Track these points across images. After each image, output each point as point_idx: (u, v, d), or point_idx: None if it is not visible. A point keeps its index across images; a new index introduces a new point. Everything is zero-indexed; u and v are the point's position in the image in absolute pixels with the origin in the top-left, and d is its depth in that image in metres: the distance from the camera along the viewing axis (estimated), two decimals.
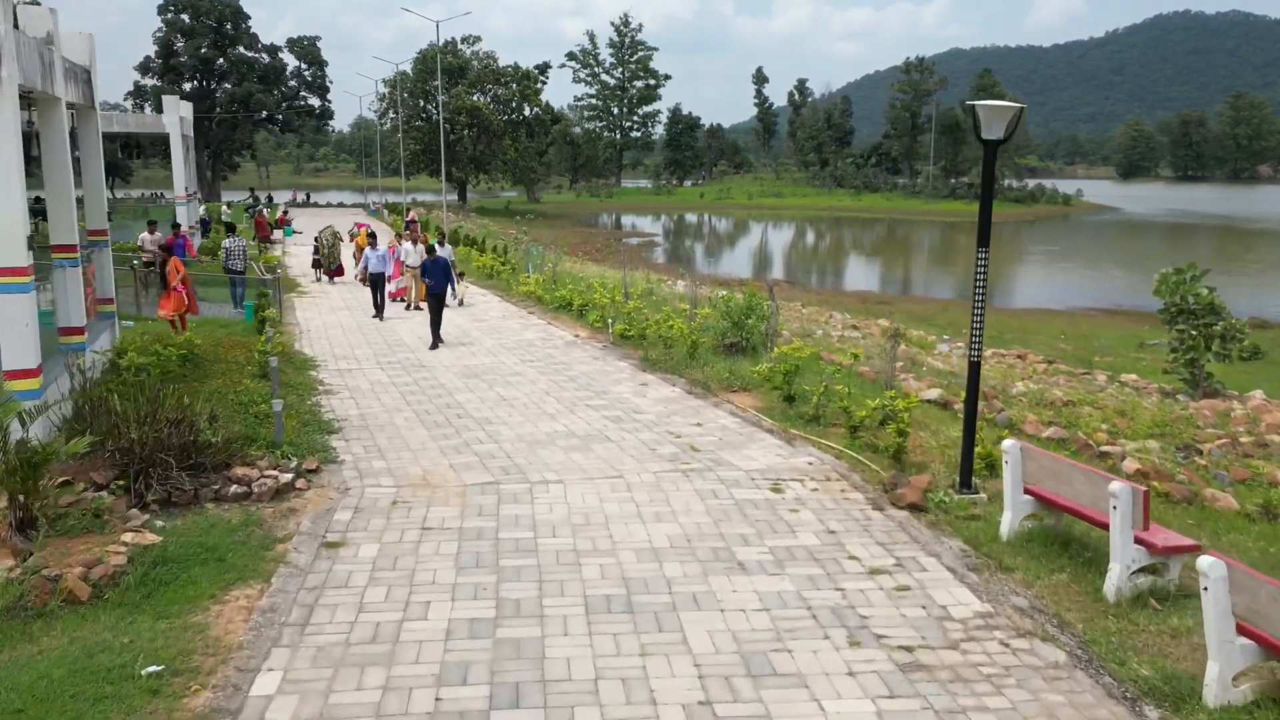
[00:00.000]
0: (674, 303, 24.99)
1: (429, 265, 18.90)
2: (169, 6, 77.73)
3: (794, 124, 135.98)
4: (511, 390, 14.66)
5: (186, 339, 14.90)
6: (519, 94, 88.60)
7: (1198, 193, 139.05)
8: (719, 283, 40.98)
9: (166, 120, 28.06)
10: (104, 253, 13.93)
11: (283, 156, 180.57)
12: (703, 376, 15.40)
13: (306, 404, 13.21)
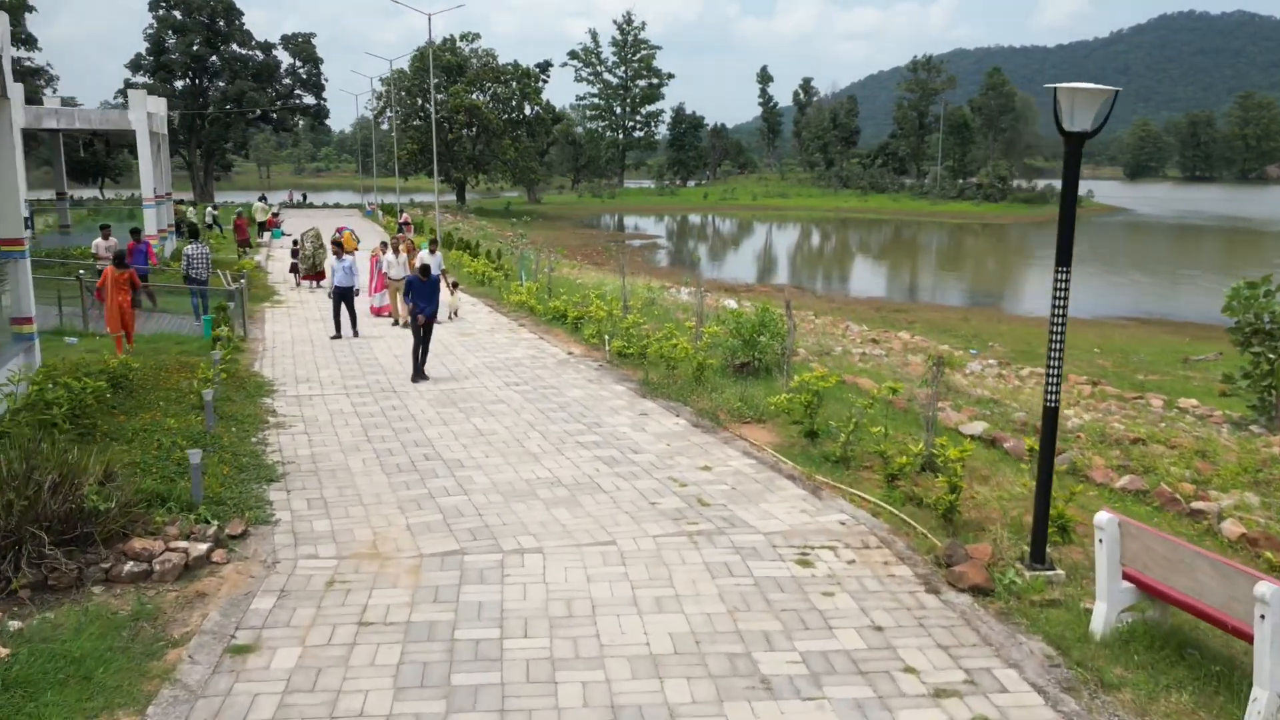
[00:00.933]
0: (678, 314, 23.11)
1: (418, 285, 15.46)
2: (160, 3, 75.89)
3: (799, 124, 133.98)
4: (491, 422, 12.76)
5: (122, 362, 13.02)
6: (519, 93, 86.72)
7: (1207, 193, 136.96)
8: (724, 289, 39.12)
9: (132, 116, 26.17)
10: (20, 265, 12.07)
11: (284, 157, 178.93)
12: (711, 405, 13.50)
13: (249, 443, 11.31)
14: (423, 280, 15.46)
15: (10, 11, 57.98)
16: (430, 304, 15.43)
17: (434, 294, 15.59)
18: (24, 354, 11.82)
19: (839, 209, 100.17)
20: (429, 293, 15.48)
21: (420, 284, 15.43)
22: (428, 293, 15.44)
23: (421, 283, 15.45)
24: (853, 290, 43.68)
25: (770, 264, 59.72)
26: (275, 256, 36.09)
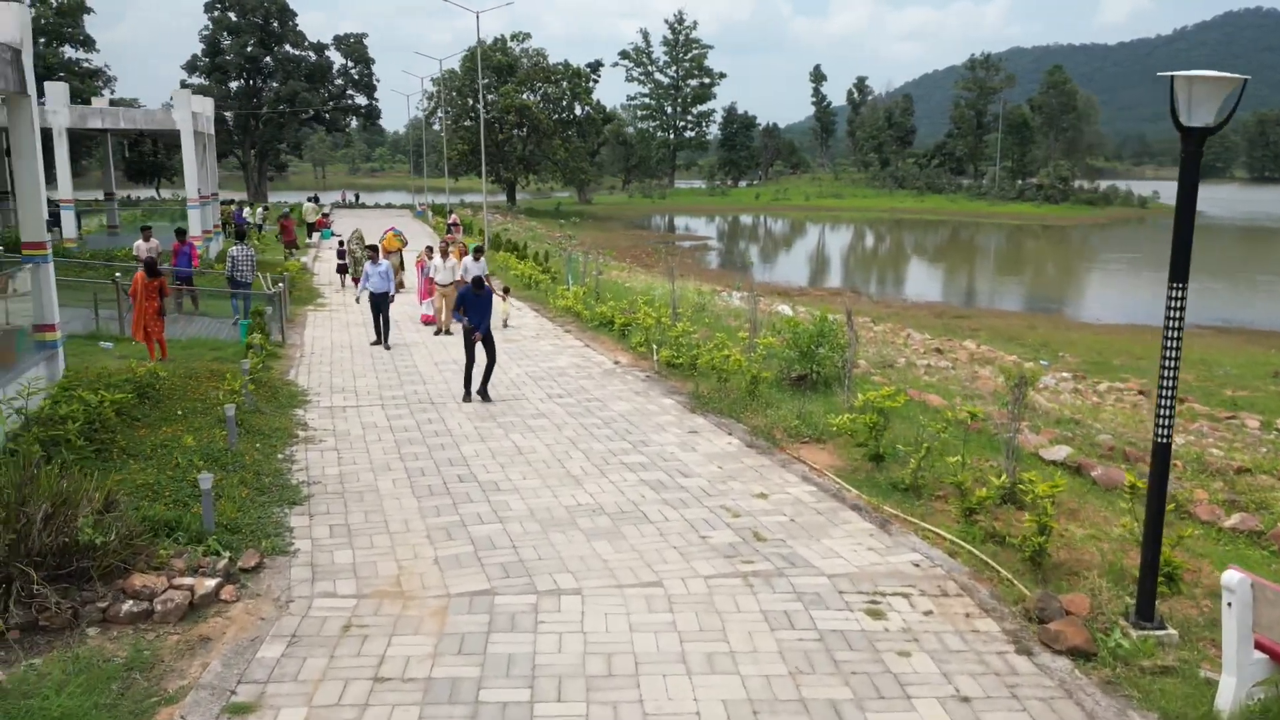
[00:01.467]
0: (729, 320, 22.21)
1: (471, 299, 13.95)
2: (216, 4, 76.61)
3: (853, 123, 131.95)
4: (531, 439, 11.98)
5: (150, 370, 12.48)
6: (570, 92, 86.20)
7: (1277, 194, 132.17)
8: (777, 292, 38.08)
9: (177, 116, 25.90)
10: (43, 270, 11.55)
11: (339, 157, 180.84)
12: (766, 423, 12.59)
13: (273, 460, 10.65)
14: (476, 293, 14.03)
15: (68, 13, 58.86)
16: (484, 318, 14.08)
17: (488, 307, 14.21)
18: (45, 363, 11.30)
19: (894, 210, 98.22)
20: (483, 306, 14.09)
21: (474, 297, 13.98)
22: (482, 306, 14.06)
23: (475, 296, 14.01)
24: (910, 294, 42.32)
25: (824, 266, 58.42)
26: (323, 258, 35.78)
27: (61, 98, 25.20)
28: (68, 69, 58.17)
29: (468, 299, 13.99)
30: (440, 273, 19.84)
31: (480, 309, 14.01)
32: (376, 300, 18.17)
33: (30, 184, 11.41)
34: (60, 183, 25.71)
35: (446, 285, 19.68)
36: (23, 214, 11.45)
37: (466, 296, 14.04)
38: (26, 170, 11.37)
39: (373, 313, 18.43)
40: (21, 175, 11.39)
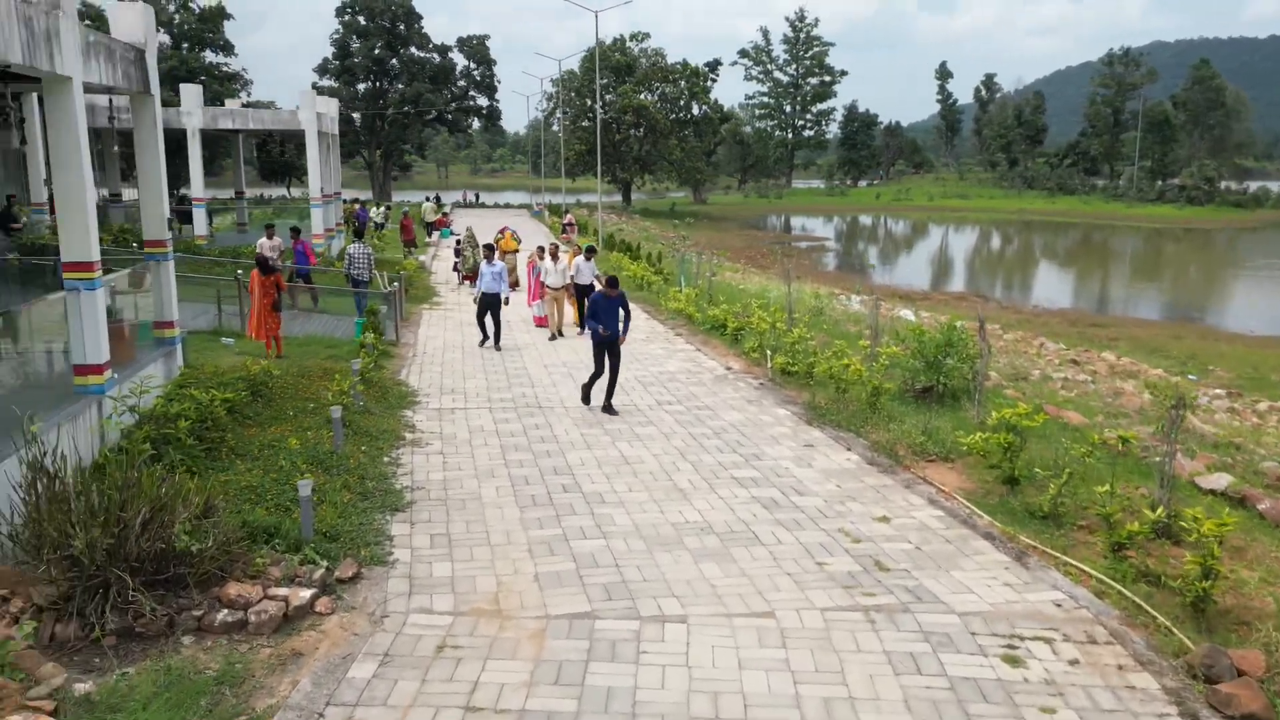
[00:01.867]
0: (848, 326, 21.35)
1: (602, 303, 13.14)
2: (347, 9, 79.05)
3: (980, 121, 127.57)
4: (638, 448, 11.54)
5: (264, 368, 12.55)
6: (687, 91, 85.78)
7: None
8: (898, 296, 36.77)
9: (302, 116, 26.53)
10: (164, 267, 11.72)
11: (461, 158, 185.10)
12: (888, 438, 11.83)
13: (380, 463, 10.50)
14: (608, 296, 13.16)
15: (210, 19, 61.56)
16: (613, 322, 13.20)
17: (616, 312, 13.29)
18: (163, 359, 11.45)
19: (1023, 211, 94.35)
20: (612, 312, 13.22)
21: (605, 301, 13.14)
22: (612, 311, 13.21)
23: (607, 299, 13.15)
24: (1039, 299, 40.30)
25: (947, 269, 56.34)
26: (441, 257, 36.30)
27: (195, 99, 26.13)
28: (208, 72, 60.86)
29: (598, 304, 13.15)
30: (551, 275, 19.39)
31: (610, 314, 13.16)
32: (488, 300, 17.90)
33: (153, 182, 11.58)
34: (193, 181, 26.70)
35: (557, 288, 19.35)
36: (145, 212, 11.65)
37: (597, 301, 13.17)
38: (149, 168, 11.56)
39: (479, 313, 18.11)
40: (145, 173, 11.58)
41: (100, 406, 9.28)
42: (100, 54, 9.76)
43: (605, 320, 13.10)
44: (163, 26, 62.37)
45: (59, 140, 9.08)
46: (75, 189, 9.15)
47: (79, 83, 9.12)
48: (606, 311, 13.14)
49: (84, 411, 8.94)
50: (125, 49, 10.57)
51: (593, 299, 13.35)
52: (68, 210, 9.17)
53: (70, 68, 8.90)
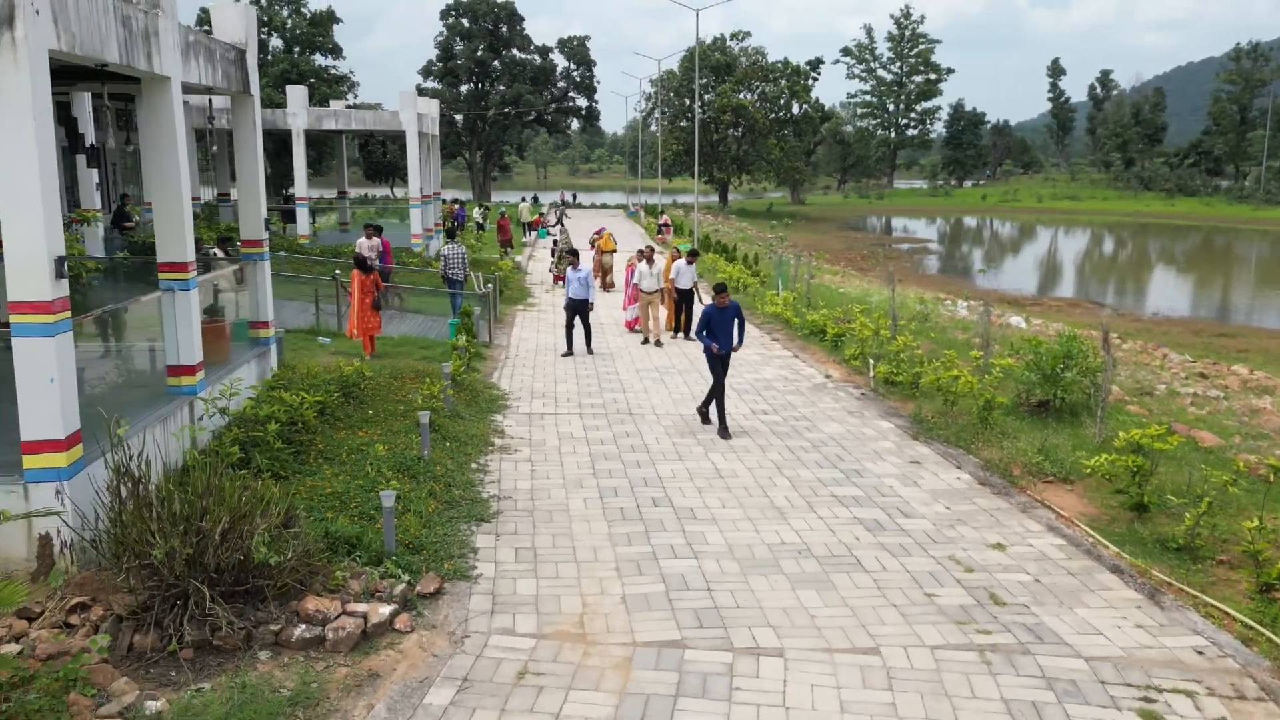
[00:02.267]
0: (955, 333, 20.41)
1: (715, 316, 12.15)
2: (450, 11, 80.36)
3: (1094, 120, 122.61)
4: (733, 460, 11.05)
5: (356, 369, 12.49)
6: (788, 90, 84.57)
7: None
8: (1006, 301, 35.30)
9: (403, 117, 26.77)
10: (260, 268, 11.74)
11: (560, 158, 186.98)
12: (1001, 456, 11.09)
13: (467, 470, 10.26)
14: (720, 307, 12.18)
15: (320, 23, 63.21)
16: (728, 336, 12.23)
17: (731, 324, 12.28)
18: (256, 360, 11.45)
19: (1139, 214, 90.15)
20: (727, 323, 12.22)
21: (718, 313, 12.15)
22: (726, 323, 12.20)
23: (720, 311, 12.17)
24: (1157, 307, 38.22)
25: (1058, 274, 54.00)
26: (537, 257, 36.37)
27: (300, 101, 26.63)
28: (317, 75, 62.46)
29: (711, 317, 12.14)
30: (646, 278, 18.70)
31: (724, 327, 12.18)
32: (575, 306, 17.31)
33: (251, 182, 11.61)
34: (297, 181, 27.23)
35: (651, 292, 18.71)
36: (243, 212, 11.69)
37: (710, 314, 12.16)
38: (248, 169, 11.59)
39: (567, 320, 17.48)
40: (243, 174, 11.62)
41: (192, 408, 9.25)
42: (200, 54, 9.76)
43: (719, 334, 12.15)
44: (275, 31, 64.33)
45: (156, 140, 9.07)
46: (172, 189, 9.14)
47: (178, 83, 9.11)
48: (720, 324, 12.17)
49: (175, 413, 8.91)
50: (225, 49, 10.58)
51: (705, 312, 12.29)
52: (164, 210, 9.17)
53: (169, 67, 8.88)
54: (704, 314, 12.32)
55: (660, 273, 18.99)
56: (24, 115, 6.45)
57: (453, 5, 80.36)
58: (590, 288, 17.44)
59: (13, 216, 6.54)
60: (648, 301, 18.75)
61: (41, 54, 6.57)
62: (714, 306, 12.25)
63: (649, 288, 18.68)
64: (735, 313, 12.34)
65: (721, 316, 12.19)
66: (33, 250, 6.61)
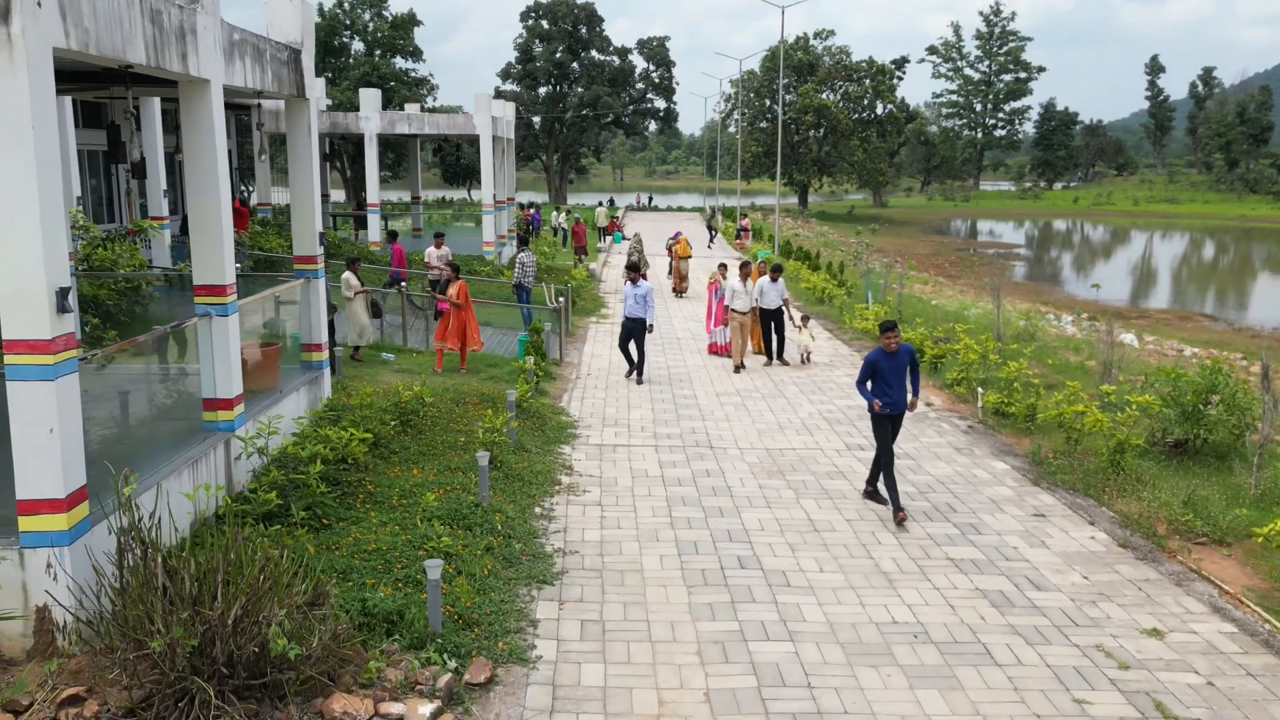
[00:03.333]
0: (1065, 354, 18.73)
1: (883, 362, 9.62)
2: (530, 13, 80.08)
3: (1195, 119, 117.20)
4: (828, 509, 9.78)
5: (416, 395, 11.54)
6: (872, 90, 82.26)
7: None
8: (1107, 312, 33.10)
9: (477, 121, 25.95)
10: (314, 285, 10.85)
11: (637, 160, 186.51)
12: (1140, 510, 9.61)
13: (529, 517, 9.19)
14: (889, 351, 9.63)
15: (401, 26, 63.36)
16: (899, 389, 9.67)
17: (903, 374, 9.71)
18: (308, 386, 10.56)
19: (1244, 218, 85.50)
20: (899, 374, 9.66)
21: (886, 360, 9.63)
22: (897, 371, 9.65)
23: (888, 357, 9.63)
24: (1274, 321, 35.50)
25: (1160, 283, 51.03)
26: (612, 264, 35.38)
27: (374, 104, 26.05)
28: (397, 78, 62.59)
29: (877, 364, 9.65)
30: (739, 297, 16.51)
31: (896, 376, 9.62)
32: (630, 327, 15.43)
33: (305, 192, 10.74)
34: (369, 186, 26.66)
35: (744, 313, 16.59)
36: (296, 224, 10.82)
37: (875, 361, 9.67)
38: (302, 178, 10.71)
39: (621, 340, 15.84)
40: (297, 184, 10.75)
41: (228, 447, 8.36)
42: (246, 54, 8.89)
43: (888, 386, 9.60)
44: (356, 34, 64.64)
45: (194, 148, 8.21)
46: (210, 202, 8.26)
47: (218, 86, 8.23)
48: (889, 373, 9.62)
49: (209, 453, 8.02)
50: (277, 49, 9.70)
51: (869, 359, 9.76)
52: (201, 226, 8.29)
53: (208, 69, 7.99)
54: (867, 361, 9.80)
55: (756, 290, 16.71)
56: (20, 125, 5.56)
57: (533, 7, 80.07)
58: (650, 307, 15.36)
59: (6, 242, 5.66)
60: (740, 323, 16.63)
61: (44, 53, 5.67)
62: (879, 351, 9.73)
63: (741, 307, 16.58)
64: (908, 358, 9.71)
65: (890, 364, 9.62)
66: (30, 281, 5.72)
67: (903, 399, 9.70)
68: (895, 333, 9.64)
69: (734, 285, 16.65)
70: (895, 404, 9.65)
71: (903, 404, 9.72)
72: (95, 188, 22.49)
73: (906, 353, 9.71)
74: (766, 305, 16.98)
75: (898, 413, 9.71)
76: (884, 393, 9.65)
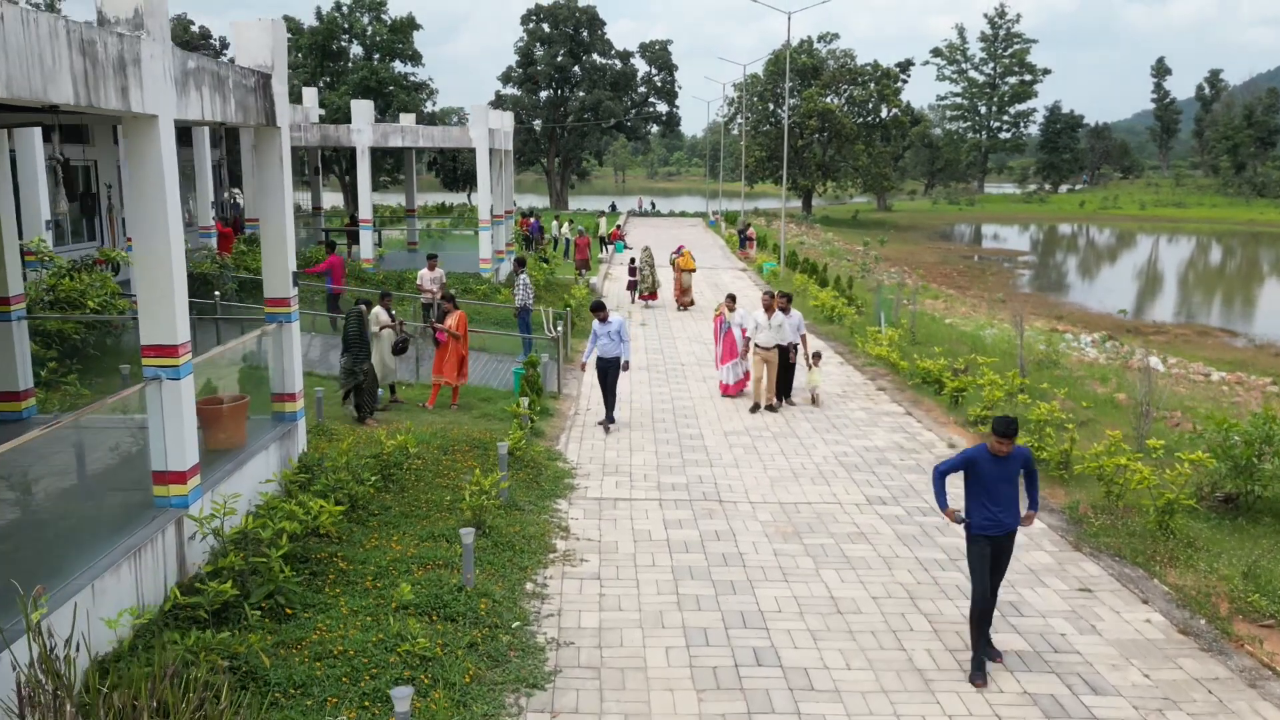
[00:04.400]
0: (1091, 384, 17.80)
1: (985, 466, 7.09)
2: (531, 16, 79.13)
3: (1202, 122, 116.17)
4: (851, 583, 8.83)
5: (400, 445, 10.63)
6: (876, 94, 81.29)
7: None
8: (1125, 328, 32.17)
9: (473, 134, 24.93)
10: (286, 330, 9.91)
11: (638, 162, 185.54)
12: (1197, 584, 8.69)
13: (520, 597, 8.24)
14: (997, 454, 7.07)
15: (399, 30, 62.47)
16: (1008, 509, 7.11)
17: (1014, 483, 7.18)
18: (279, 442, 9.62)
19: (1253, 222, 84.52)
20: (1008, 484, 7.12)
21: (993, 464, 7.07)
22: (1007, 479, 7.11)
23: (995, 462, 7.07)
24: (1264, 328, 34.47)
25: (1173, 292, 50.02)
26: (613, 275, 34.46)
27: (366, 116, 25.08)
28: (396, 82, 61.72)
29: (980, 466, 7.07)
30: (763, 331, 15.02)
31: (1001, 485, 7.07)
32: (603, 367, 14.12)
33: (276, 230, 9.80)
34: (361, 202, 25.71)
35: (768, 348, 15.04)
36: (268, 264, 9.87)
37: (977, 460, 7.11)
38: (273, 213, 9.77)
39: (600, 384, 14.35)
40: (268, 219, 9.80)
41: (181, 527, 7.43)
42: (204, 83, 7.96)
43: (993, 500, 7.07)
44: (355, 38, 63.72)
45: (139, 191, 7.28)
46: (157, 251, 7.33)
47: (168, 121, 7.30)
48: (997, 481, 7.07)
49: (155, 538, 7.09)
50: (242, 75, 8.77)
51: (968, 456, 7.19)
52: (148, 278, 7.36)
53: (155, 103, 7.07)
54: (963, 458, 7.25)
55: (780, 324, 15.14)
56: None
57: (534, 10, 79.16)
58: (626, 342, 14.11)
59: None
60: (763, 359, 15.07)
61: None
62: (983, 450, 7.18)
63: (765, 342, 15.00)
64: (1021, 464, 7.23)
65: (997, 470, 7.07)
66: None
67: (1011, 517, 7.15)
68: (1010, 438, 7.01)
69: (758, 319, 15.15)
70: (998, 523, 7.11)
71: (1011, 523, 7.16)
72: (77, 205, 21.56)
73: (1021, 457, 7.21)
74: (779, 341, 15.32)
75: (1002, 534, 7.16)
76: (982, 507, 7.10)
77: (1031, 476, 7.46)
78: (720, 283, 33.42)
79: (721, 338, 16.15)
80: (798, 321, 15.86)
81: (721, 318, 16.18)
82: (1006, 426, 7.03)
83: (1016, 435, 7.07)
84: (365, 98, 58.64)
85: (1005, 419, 7.10)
